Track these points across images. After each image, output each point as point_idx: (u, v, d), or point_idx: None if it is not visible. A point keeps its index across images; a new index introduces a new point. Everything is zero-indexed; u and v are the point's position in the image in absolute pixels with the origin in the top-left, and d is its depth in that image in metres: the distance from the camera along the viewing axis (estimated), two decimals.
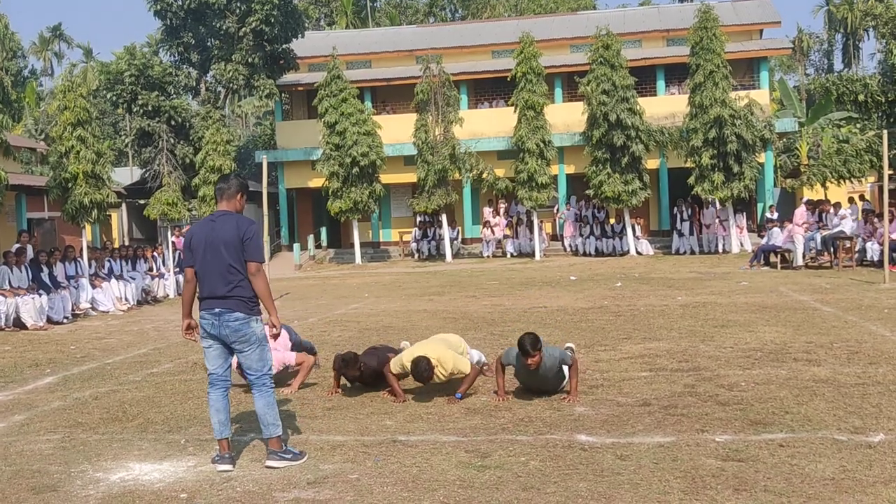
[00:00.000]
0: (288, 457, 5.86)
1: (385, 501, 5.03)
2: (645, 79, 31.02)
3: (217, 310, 5.83)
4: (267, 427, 5.93)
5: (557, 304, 14.92)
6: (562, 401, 7.36)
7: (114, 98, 33.56)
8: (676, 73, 31.46)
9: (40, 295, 15.48)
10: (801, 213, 21.55)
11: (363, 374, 8.09)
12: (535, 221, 28.26)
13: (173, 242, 21.37)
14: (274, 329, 5.98)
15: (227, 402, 6.05)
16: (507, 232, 30.44)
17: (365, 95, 32.46)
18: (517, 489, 5.15)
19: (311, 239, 32.23)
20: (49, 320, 15.50)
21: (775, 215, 26.03)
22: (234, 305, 5.81)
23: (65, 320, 15.93)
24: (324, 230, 34.05)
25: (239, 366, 6.80)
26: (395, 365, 7.82)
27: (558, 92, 32.53)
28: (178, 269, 20.87)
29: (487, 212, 30.96)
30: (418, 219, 30.96)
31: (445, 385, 7.91)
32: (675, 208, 28.49)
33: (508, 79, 28.60)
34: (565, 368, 7.62)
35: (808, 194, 26.83)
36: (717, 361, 8.94)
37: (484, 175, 28.65)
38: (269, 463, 5.82)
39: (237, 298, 5.81)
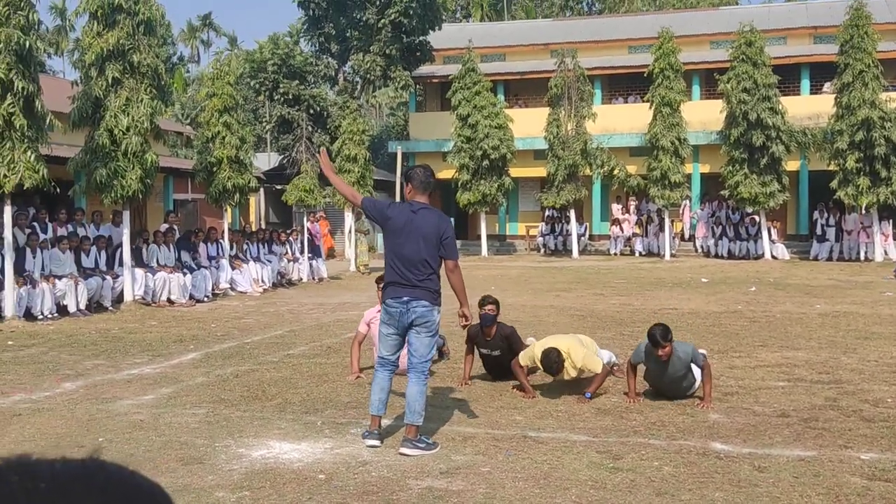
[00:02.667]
0: (422, 446, 5.99)
1: (518, 496, 5.07)
2: (789, 77, 29.89)
3: (405, 298, 6.11)
4: (412, 413, 6.09)
5: (689, 307, 14.60)
6: (695, 406, 7.23)
7: (256, 85, 34.77)
8: (823, 72, 30.17)
9: (185, 274, 16.24)
10: None
11: (495, 339, 8.20)
12: (667, 220, 27.70)
13: (308, 228, 21.98)
14: (464, 320, 6.35)
15: (390, 383, 6.33)
16: (637, 230, 29.95)
17: (498, 88, 32.46)
18: (651, 494, 5.09)
19: None
20: (191, 298, 16.25)
21: None
22: (422, 294, 6.12)
23: (205, 299, 16.66)
24: (451, 221, 34.26)
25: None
26: (524, 357, 7.85)
27: (696, 89, 31.72)
28: (310, 255, 21.49)
29: (616, 209, 30.54)
30: (546, 213, 30.82)
31: (574, 383, 7.89)
32: (816, 212, 27.38)
33: (645, 74, 28.09)
34: (696, 371, 7.47)
35: None
36: (860, 375, 8.58)
37: (615, 171, 28.28)
38: (403, 450, 5.95)
39: (425, 289, 6.12)
